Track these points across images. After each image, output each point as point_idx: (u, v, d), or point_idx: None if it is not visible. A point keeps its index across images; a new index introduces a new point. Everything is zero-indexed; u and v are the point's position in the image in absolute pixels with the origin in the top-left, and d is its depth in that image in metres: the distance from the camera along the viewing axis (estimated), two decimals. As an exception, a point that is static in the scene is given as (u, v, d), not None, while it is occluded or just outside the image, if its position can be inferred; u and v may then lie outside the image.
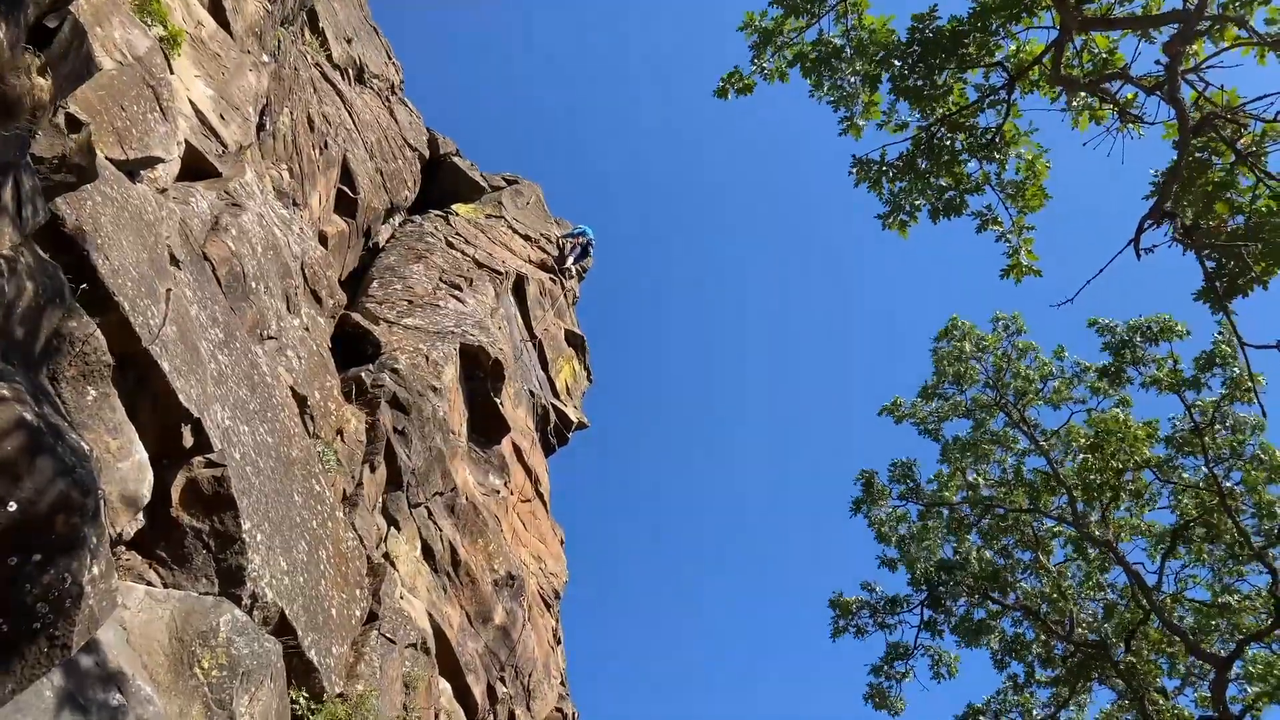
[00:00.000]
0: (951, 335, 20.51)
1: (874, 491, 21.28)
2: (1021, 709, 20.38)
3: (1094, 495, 18.07)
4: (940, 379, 20.74)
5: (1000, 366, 20.24)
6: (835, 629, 21.00)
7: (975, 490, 20.45)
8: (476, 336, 14.94)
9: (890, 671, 20.32)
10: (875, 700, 20.23)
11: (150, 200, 7.76)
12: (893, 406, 21.48)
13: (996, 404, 20.42)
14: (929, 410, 21.11)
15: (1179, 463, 18.13)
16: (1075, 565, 20.22)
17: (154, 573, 6.63)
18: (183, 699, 6.00)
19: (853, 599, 20.97)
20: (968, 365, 20.28)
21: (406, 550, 11.15)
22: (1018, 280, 8.77)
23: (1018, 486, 20.19)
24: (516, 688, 13.47)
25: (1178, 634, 17.34)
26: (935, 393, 20.99)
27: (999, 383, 20.29)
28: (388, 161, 17.65)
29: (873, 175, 9.27)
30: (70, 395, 5.83)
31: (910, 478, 21.19)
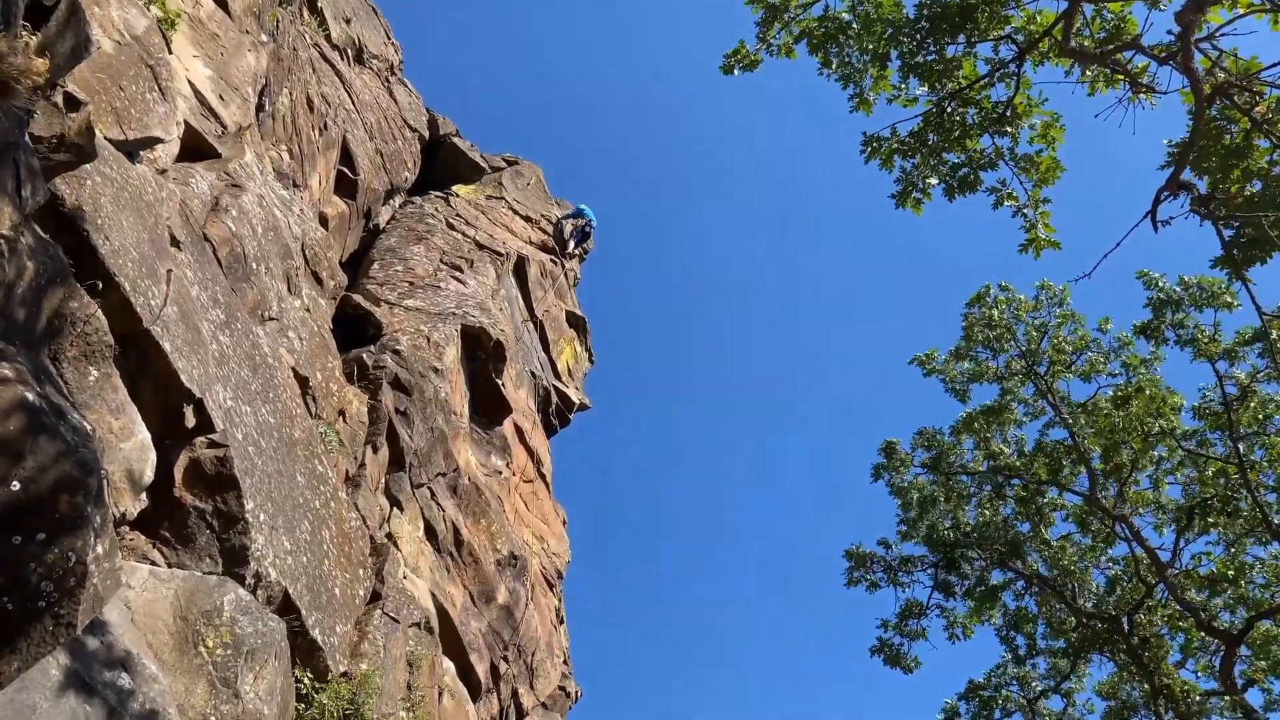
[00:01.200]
0: (983, 300, 20.26)
1: (895, 459, 21.29)
2: (1020, 682, 20.46)
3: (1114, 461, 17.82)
4: (970, 342, 20.52)
5: (1034, 336, 20.00)
6: (849, 579, 21.10)
7: (997, 460, 20.36)
8: (478, 318, 14.93)
9: (903, 629, 20.39)
10: (886, 655, 20.31)
11: (150, 181, 7.74)
12: (925, 358, 21.23)
13: (1027, 373, 20.23)
14: (959, 370, 20.95)
15: (1206, 436, 17.88)
16: (1086, 539, 20.16)
17: (158, 552, 6.65)
18: (188, 677, 6.03)
19: (868, 552, 21.06)
20: (1003, 329, 20.03)
21: (409, 530, 11.18)
22: (1036, 255, 8.70)
23: (1038, 458, 20.09)
24: (520, 666, 13.54)
25: (1188, 610, 17.35)
26: (967, 354, 20.80)
27: (1033, 351, 20.07)
28: (387, 142, 17.59)
29: (884, 152, 9.21)
30: (72, 376, 5.84)
31: (934, 446, 21.16)
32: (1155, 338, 17.25)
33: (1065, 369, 19.87)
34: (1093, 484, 18.87)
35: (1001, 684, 20.45)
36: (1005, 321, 20.04)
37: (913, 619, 20.40)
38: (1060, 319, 19.94)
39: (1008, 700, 20.29)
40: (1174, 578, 17.75)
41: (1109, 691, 19.80)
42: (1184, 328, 17.04)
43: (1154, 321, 17.21)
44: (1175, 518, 18.43)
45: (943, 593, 20.27)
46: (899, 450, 21.34)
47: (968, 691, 20.51)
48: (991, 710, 20.19)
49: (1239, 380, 16.78)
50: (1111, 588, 19.48)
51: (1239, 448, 16.30)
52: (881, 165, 9.40)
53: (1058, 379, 20.08)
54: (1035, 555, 20.30)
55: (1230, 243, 7.45)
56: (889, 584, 20.81)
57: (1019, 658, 20.54)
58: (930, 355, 21.14)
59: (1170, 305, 16.78)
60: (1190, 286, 16.79)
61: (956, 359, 20.89)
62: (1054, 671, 20.45)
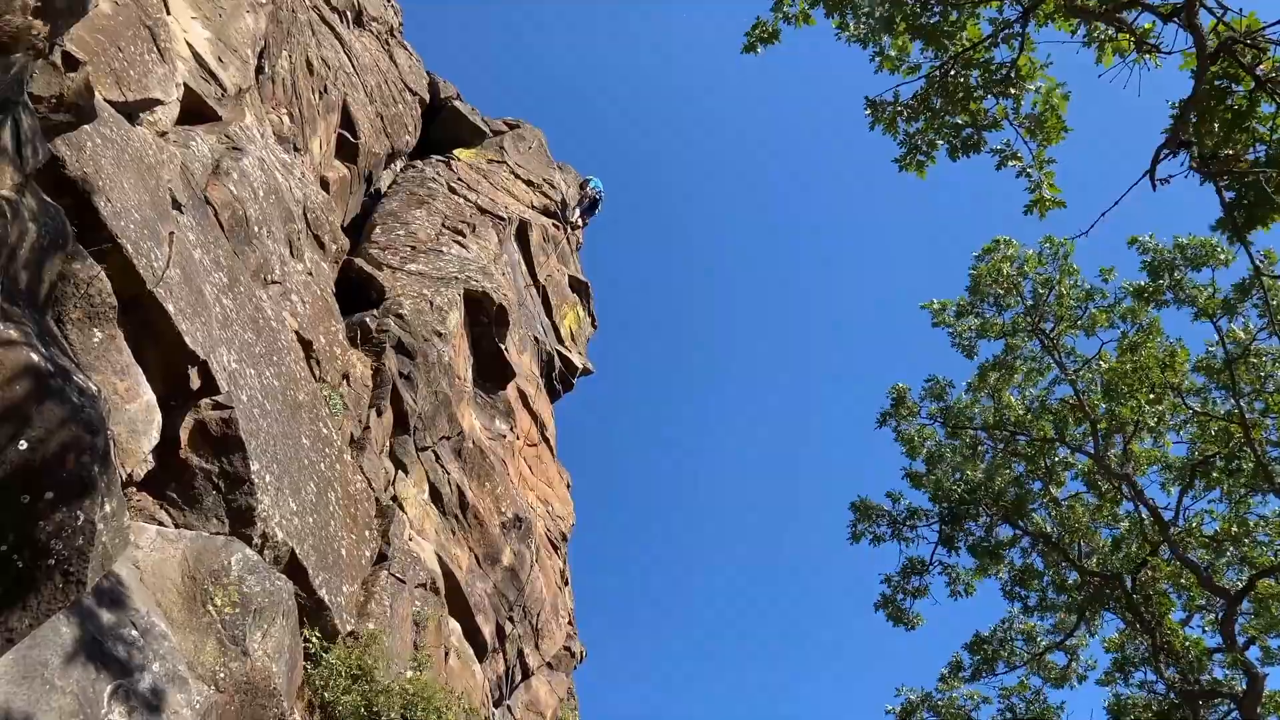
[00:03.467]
0: (993, 254, 20.08)
1: (904, 407, 21.27)
2: (1025, 636, 20.61)
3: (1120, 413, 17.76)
4: (977, 297, 20.39)
5: (1041, 291, 19.86)
6: (853, 532, 21.15)
7: (1003, 415, 20.33)
8: (480, 282, 14.92)
9: (905, 586, 20.51)
10: (889, 611, 20.45)
11: (150, 143, 7.72)
12: (937, 307, 21.13)
13: (1032, 330, 20.13)
14: (966, 324, 20.84)
15: (1210, 394, 17.82)
16: (1090, 496, 20.18)
17: (165, 513, 6.71)
18: (197, 635, 6.10)
19: (875, 505, 21.09)
20: (1010, 284, 19.88)
21: (414, 493, 11.25)
22: (1041, 215, 8.63)
23: (1043, 415, 20.06)
24: (525, 627, 13.68)
25: (1190, 567, 17.44)
26: (972, 309, 20.68)
27: (1038, 306, 19.96)
28: (388, 106, 17.49)
29: (887, 116, 9.14)
30: (77, 337, 5.86)
31: (942, 396, 21.11)
32: (1154, 300, 17.18)
33: (1071, 325, 19.79)
34: (1097, 443, 18.87)
35: (1007, 638, 20.60)
36: (1011, 276, 19.90)
37: (915, 575, 20.51)
38: (1063, 273, 19.82)
39: (1012, 654, 20.45)
40: (1177, 535, 17.80)
41: (1115, 647, 19.95)
42: (1182, 288, 16.97)
43: (1151, 284, 17.16)
44: (1178, 476, 18.45)
45: (947, 547, 20.32)
46: (908, 399, 21.28)
47: (973, 644, 20.67)
48: (995, 663, 20.37)
49: (1238, 336, 16.74)
50: (1116, 546, 19.55)
51: (1240, 404, 16.26)
52: (885, 130, 9.33)
53: (1063, 335, 20.00)
54: (1043, 513, 20.35)
55: (1231, 205, 7.39)
56: (894, 539, 20.87)
57: (1027, 609, 20.67)
58: (943, 304, 21.02)
59: (1166, 267, 16.71)
60: (1185, 246, 16.74)
61: (962, 314, 20.80)
62: (1059, 627, 20.59)
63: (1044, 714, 19.86)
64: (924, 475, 20.90)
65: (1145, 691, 19.16)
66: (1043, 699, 20.11)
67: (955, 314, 20.84)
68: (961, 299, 20.71)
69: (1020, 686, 20.27)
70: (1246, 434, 15.98)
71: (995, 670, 20.35)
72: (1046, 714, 19.88)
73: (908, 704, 20.20)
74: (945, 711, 19.91)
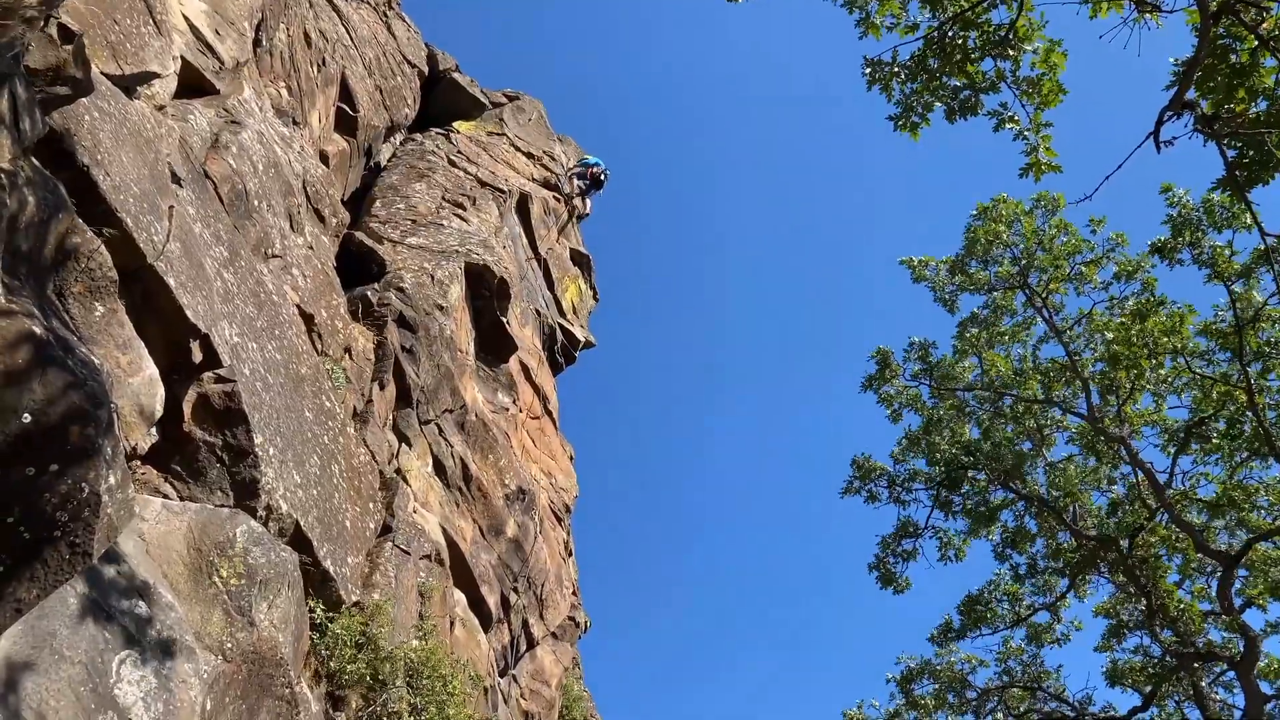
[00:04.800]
0: (991, 214, 19.92)
1: (888, 370, 21.29)
2: (1011, 598, 20.75)
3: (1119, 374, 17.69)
4: (969, 255, 20.28)
5: (1031, 245, 19.71)
6: (847, 487, 21.23)
7: (990, 376, 20.31)
8: (481, 255, 14.89)
9: (897, 549, 20.63)
10: (881, 574, 20.61)
11: (148, 117, 7.69)
12: (916, 264, 21.02)
13: (1019, 285, 20.02)
14: (950, 281, 20.75)
15: (1215, 356, 17.74)
16: (1084, 460, 20.20)
17: (169, 486, 6.74)
18: (203, 606, 6.15)
19: (877, 464, 21.16)
20: (997, 238, 19.75)
21: (418, 466, 11.29)
22: (1037, 178, 8.59)
23: (1032, 375, 20.02)
24: (530, 598, 13.77)
25: (1186, 531, 17.49)
26: (960, 267, 20.59)
27: (1027, 260, 19.83)
28: (387, 78, 17.39)
29: (884, 77, 9.08)
30: (78, 311, 5.86)
31: (926, 359, 21.11)
32: (1171, 257, 16.90)
33: (1061, 280, 19.66)
34: (1090, 404, 18.83)
35: (993, 599, 20.76)
36: (1001, 232, 19.77)
37: (908, 538, 20.63)
38: (1054, 228, 19.70)
39: (996, 617, 20.62)
40: (1173, 499, 17.82)
41: (1109, 611, 20.06)
42: (1200, 247, 16.73)
43: (1171, 240, 16.82)
44: (1174, 438, 18.43)
45: (943, 511, 20.42)
46: (893, 361, 21.30)
47: (966, 604, 20.82)
48: (980, 624, 20.54)
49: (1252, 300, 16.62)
50: (1113, 509, 19.59)
51: (1247, 369, 16.20)
52: (882, 90, 9.28)
53: (1052, 293, 19.91)
54: (1038, 475, 20.38)
55: (1234, 163, 7.36)
56: (890, 500, 20.98)
57: (1017, 575, 20.80)
58: (924, 261, 20.95)
59: (1189, 225, 16.43)
60: (1211, 206, 16.46)
61: (952, 273, 20.71)
62: (1046, 588, 20.72)
63: (1041, 676, 20.05)
64: (918, 440, 20.95)
65: (1140, 656, 19.31)
66: (1039, 662, 20.29)
67: (938, 271, 20.78)
68: (949, 258, 20.61)
69: (1018, 649, 20.44)
70: (1250, 398, 15.95)
71: (981, 630, 20.52)
72: (1044, 677, 20.06)
73: (908, 671, 20.39)
74: (944, 675, 20.09)
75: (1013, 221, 19.77)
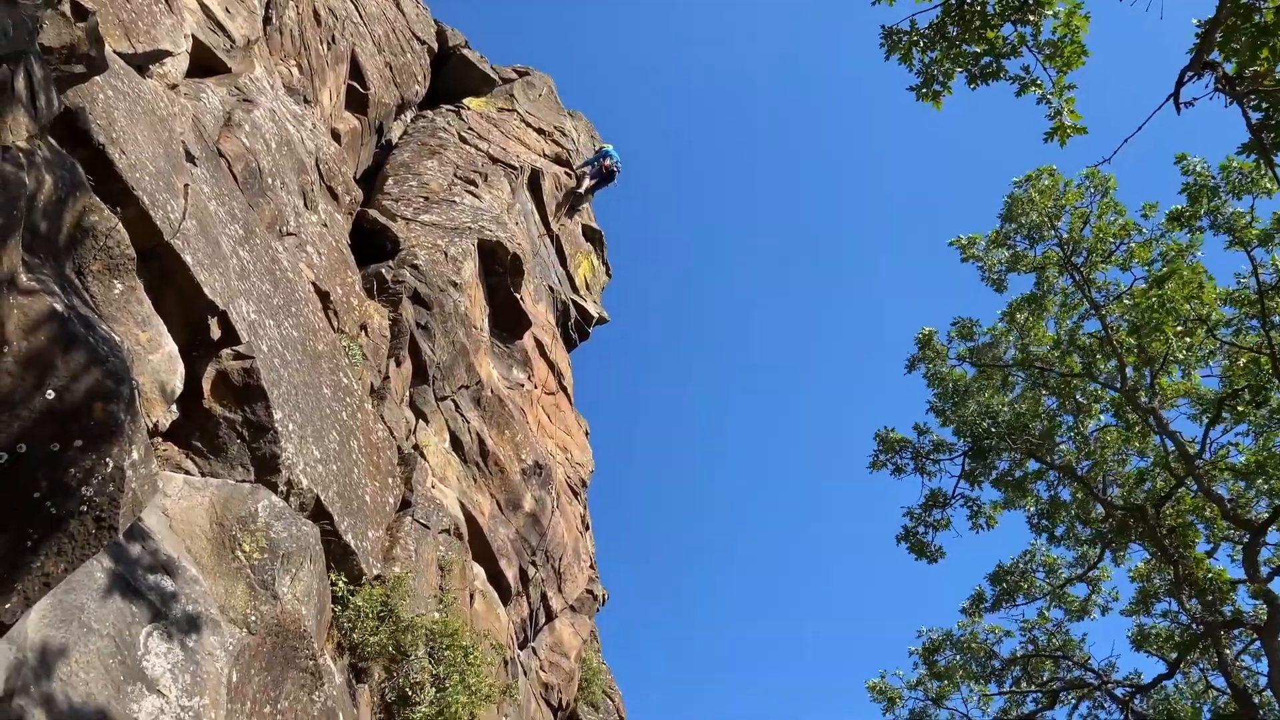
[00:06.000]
0: (1034, 182, 19.72)
1: (930, 349, 21.21)
2: (1047, 568, 20.71)
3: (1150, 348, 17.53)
4: (1011, 224, 20.07)
5: (1077, 224, 19.53)
6: (874, 461, 21.21)
7: (1030, 352, 20.19)
8: (494, 232, 14.89)
9: (927, 519, 20.60)
10: (911, 544, 20.59)
11: (161, 95, 7.70)
12: (965, 243, 20.89)
13: (1064, 264, 19.86)
14: (996, 258, 20.62)
15: (1243, 324, 17.52)
16: (1117, 431, 20.09)
17: (191, 462, 6.80)
18: (227, 580, 6.22)
19: (899, 436, 21.12)
20: (1045, 215, 19.58)
21: (435, 442, 11.35)
22: (1062, 142, 8.50)
23: (1071, 350, 19.89)
24: (548, 571, 13.86)
25: (1214, 500, 17.42)
26: (1004, 241, 20.45)
27: (1073, 239, 19.67)
28: (396, 55, 17.35)
29: (903, 46, 8.99)
30: (97, 289, 5.90)
31: (969, 337, 21.02)
32: (1190, 225, 16.61)
33: (1104, 259, 19.49)
34: (1124, 378, 18.74)
35: (1029, 570, 20.71)
36: (1048, 208, 19.58)
37: (937, 508, 20.59)
38: (1103, 208, 19.50)
39: (1033, 585, 20.57)
40: (1204, 468, 17.73)
41: (1140, 576, 20.01)
42: (1220, 214, 16.46)
43: (1190, 208, 16.51)
44: (1206, 409, 18.30)
45: (969, 482, 20.37)
46: (935, 341, 21.22)
47: (996, 575, 20.79)
48: (1015, 595, 20.51)
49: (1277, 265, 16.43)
50: (1140, 479, 19.51)
51: (1270, 336, 16.04)
52: (901, 60, 9.19)
53: (1095, 270, 19.74)
54: (1069, 446, 20.29)
55: (1258, 126, 7.27)
56: (916, 471, 20.93)
57: (1054, 538, 20.73)
58: (972, 239, 20.80)
59: (1207, 192, 16.15)
60: (1229, 171, 16.20)
61: (994, 245, 20.53)
62: (1082, 560, 20.67)
63: (1066, 645, 20.05)
64: (949, 410, 20.87)
65: (1168, 622, 19.29)
66: (1064, 631, 20.28)
67: (985, 247, 20.61)
68: (994, 231, 20.44)
69: (1041, 619, 20.43)
70: (1275, 366, 15.81)
71: (1015, 601, 20.49)
72: (1069, 645, 20.06)
73: (930, 643, 20.43)
74: (968, 646, 20.12)
75: (1055, 195, 19.59)
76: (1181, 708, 18.85)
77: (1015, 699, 20.33)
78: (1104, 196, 19.40)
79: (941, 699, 20.23)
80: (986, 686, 20.16)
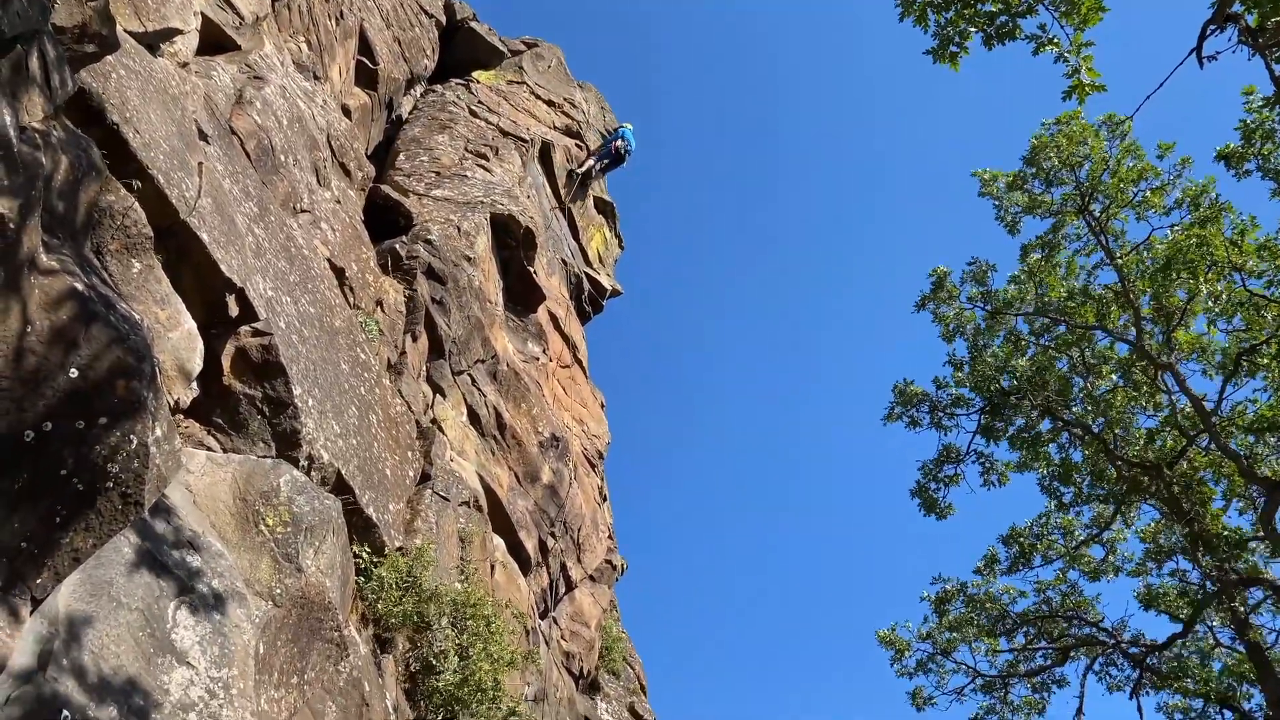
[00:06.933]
0: (1062, 126, 19.43)
1: (944, 290, 21.06)
2: (1063, 530, 20.66)
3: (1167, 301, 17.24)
4: (1033, 169, 19.83)
5: (1096, 168, 19.25)
6: (889, 414, 21.16)
7: (1045, 301, 19.99)
8: (506, 205, 14.88)
9: (939, 474, 20.56)
10: (923, 500, 20.59)
11: (173, 74, 7.71)
12: (988, 177, 20.63)
13: (1080, 209, 19.60)
14: (1013, 199, 20.37)
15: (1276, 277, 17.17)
16: (1124, 392, 19.93)
17: (212, 439, 6.86)
18: (251, 554, 6.29)
19: (918, 389, 21.04)
20: (1065, 163, 19.31)
21: (453, 415, 11.42)
22: (1081, 100, 8.39)
23: (1086, 302, 19.68)
24: (566, 542, 13.96)
25: (1231, 457, 17.29)
26: (1022, 184, 20.20)
27: (1091, 185, 19.41)
28: (405, 30, 17.27)
29: (917, 8, 8.90)
30: (116, 268, 5.94)
31: (983, 280, 20.83)
32: (1238, 166, 15.96)
33: (1121, 205, 19.22)
34: (1139, 330, 18.54)
35: (1043, 532, 20.65)
36: (1073, 154, 19.28)
37: (950, 464, 20.55)
38: (1122, 152, 19.22)
39: (1049, 547, 20.53)
40: (1220, 424, 17.56)
41: (1149, 537, 19.94)
42: (1268, 159, 15.86)
43: (1242, 148, 15.53)
44: (1223, 363, 18.08)
45: (985, 437, 20.28)
46: (948, 282, 21.04)
47: (1009, 536, 20.74)
48: (1031, 557, 20.47)
49: None
50: (1151, 437, 19.37)
51: None
52: (916, 22, 9.10)
53: (1113, 218, 19.50)
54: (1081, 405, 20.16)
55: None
56: (932, 426, 20.86)
57: (1063, 505, 20.66)
58: (994, 174, 20.58)
59: (1263, 135, 15.50)
60: None
61: (1012, 188, 20.30)
62: (1097, 520, 20.61)
63: (1080, 605, 20.04)
64: (966, 364, 20.74)
65: (1176, 580, 19.24)
66: (1079, 592, 20.26)
67: (1005, 187, 20.38)
68: (1015, 172, 20.19)
69: (1057, 579, 20.39)
70: None
71: (1032, 564, 20.44)
72: (1082, 605, 20.05)
73: (943, 592, 20.40)
74: (981, 603, 20.12)
75: (1080, 142, 19.29)
76: (1192, 664, 18.81)
77: (1025, 655, 20.34)
78: (1122, 140, 19.12)
79: (950, 651, 20.26)
80: (997, 642, 20.17)
